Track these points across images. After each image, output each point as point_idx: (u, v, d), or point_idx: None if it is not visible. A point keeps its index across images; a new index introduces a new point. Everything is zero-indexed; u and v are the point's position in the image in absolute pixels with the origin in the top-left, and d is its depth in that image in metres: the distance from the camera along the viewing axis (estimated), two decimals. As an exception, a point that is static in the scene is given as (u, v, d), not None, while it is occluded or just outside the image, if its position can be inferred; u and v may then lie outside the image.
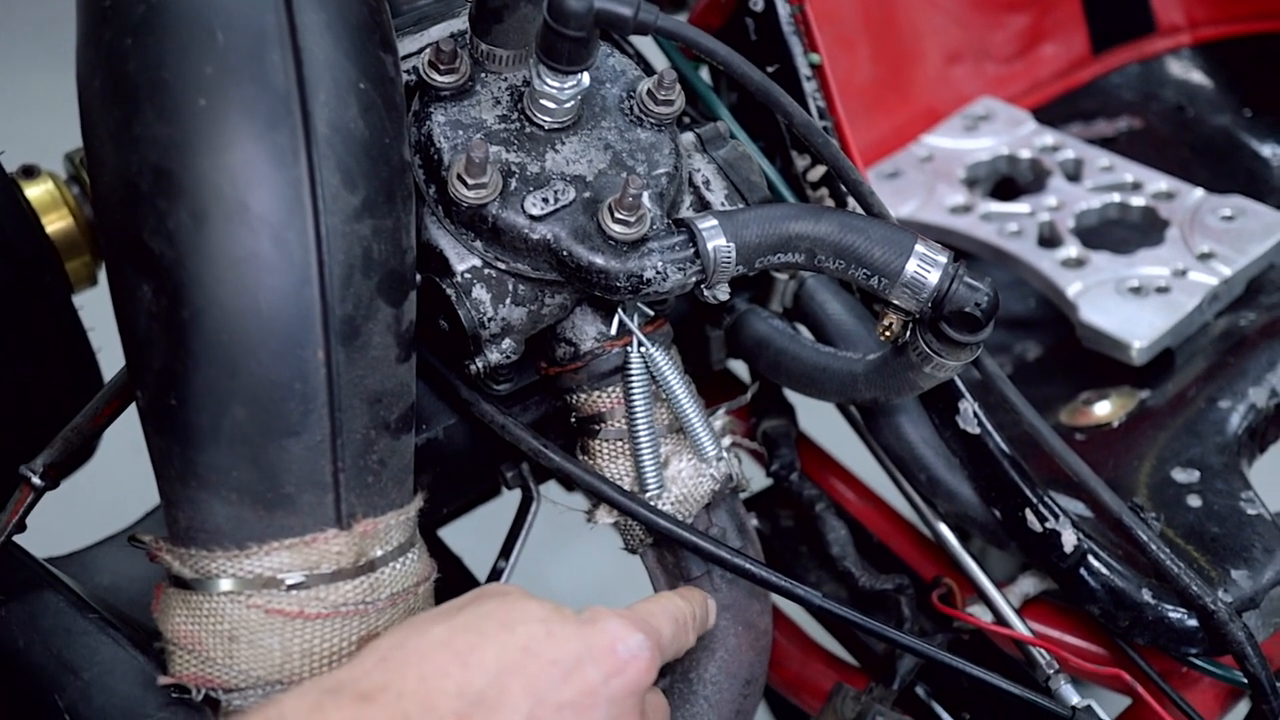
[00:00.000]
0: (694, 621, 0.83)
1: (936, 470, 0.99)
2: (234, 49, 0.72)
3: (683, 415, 0.90)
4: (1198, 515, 0.97)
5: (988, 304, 0.82)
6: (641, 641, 0.73)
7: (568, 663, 0.71)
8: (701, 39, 0.80)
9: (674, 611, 0.80)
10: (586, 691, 0.71)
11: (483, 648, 0.70)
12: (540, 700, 0.69)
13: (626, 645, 0.73)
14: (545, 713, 0.69)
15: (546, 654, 0.70)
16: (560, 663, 0.70)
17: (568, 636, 0.72)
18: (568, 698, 0.70)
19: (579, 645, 0.71)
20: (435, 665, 0.68)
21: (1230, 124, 1.41)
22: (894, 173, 1.34)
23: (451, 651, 0.69)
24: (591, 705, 0.70)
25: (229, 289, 0.72)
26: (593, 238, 0.82)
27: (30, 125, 0.81)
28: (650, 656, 0.73)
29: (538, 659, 0.70)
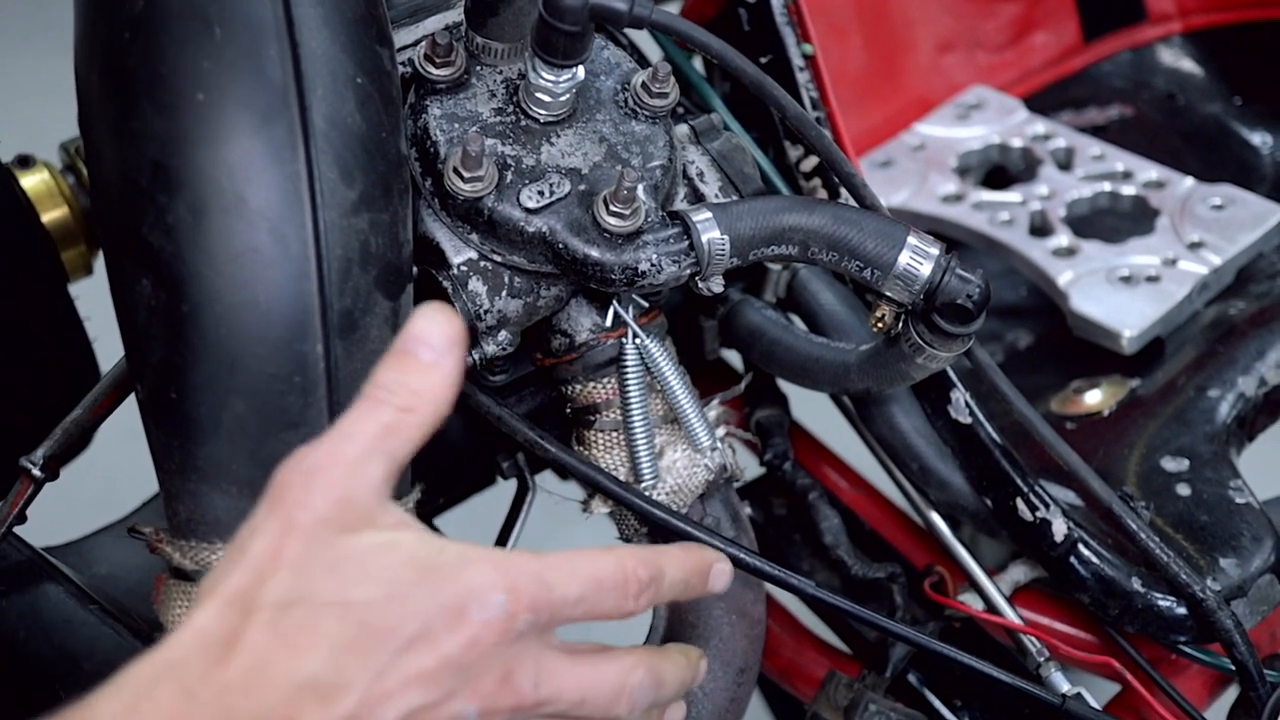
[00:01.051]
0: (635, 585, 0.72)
1: (928, 459, 1.00)
2: (231, 43, 0.73)
3: (677, 406, 0.91)
4: (1187, 504, 0.98)
5: (979, 296, 0.83)
6: (500, 603, 0.65)
7: (411, 632, 0.64)
8: (695, 33, 0.81)
9: (591, 572, 0.70)
10: (436, 662, 0.64)
11: (313, 627, 0.63)
12: (380, 675, 0.63)
13: (481, 606, 0.65)
14: (387, 688, 0.63)
15: (386, 623, 0.63)
16: (402, 632, 0.64)
17: (412, 599, 0.64)
18: (412, 671, 0.64)
19: (425, 608, 0.64)
20: (260, 654, 0.62)
21: (1221, 112, 1.42)
22: (886, 161, 1.35)
23: (278, 636, 0.62)
24: (437, 676, 0.64)
25: (228, 283, 0.72)
26: (588, 230, 0.83)
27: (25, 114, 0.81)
28: (506, 619, 0.65)
29: (376, 631, 0.63)
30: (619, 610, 0.72)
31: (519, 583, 0.66)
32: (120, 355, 1.20)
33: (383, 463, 0.67)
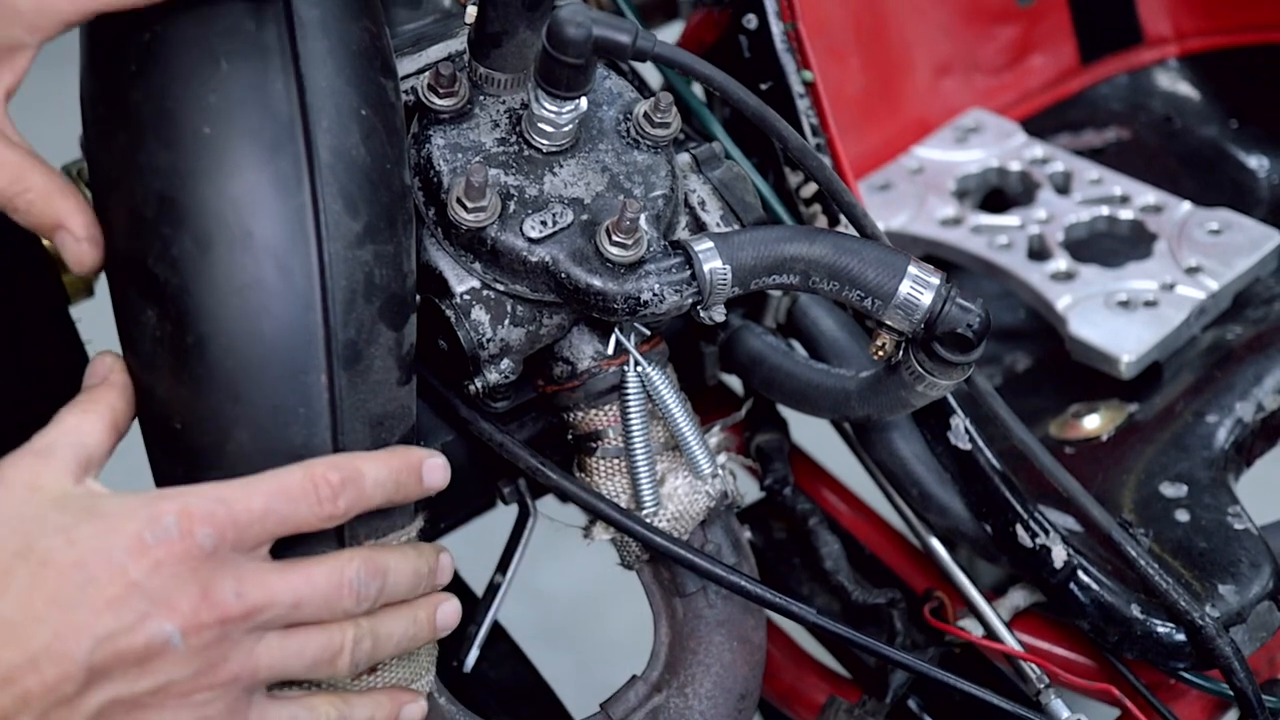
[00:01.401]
0: (328, 488, 0.73)
1: (928, 485, 1.01)
2: (237, 77, 0.73)
3: (679, 433, 0.91)
4: (1185, 530, 0.98)
5: (979, 325, 0.83)
6: (172, 524, 0.69)
7: (94, 566, 0.68)
8: (698, 65, 0.81)
9: (275, 484, 0.72)
10: (121, 588, 0.68)
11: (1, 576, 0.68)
12: (68, 608, 0.67)
13: (154, 530, 0.69)
14: (76, 619, 0.67)
15: (67, 561, 0.68)
16: (85, 568, 0.68)
17: (90, 536, 0.69)
18: (100, 600, 0.68)
19: (105, 544, 0.69)
20: None
21: (1217, 135, 1.42)
22: (885, 184, 1.35)
23: None
24: (125, 600, 0.68)
25: (233, 315, 0.73)
26: (590, 260, 0.83)
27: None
28: (182, 537, 0.69)
29: (59, 569, 0.68)
30: (318, 517, 0.73)
31: (190, 503, 0.70)
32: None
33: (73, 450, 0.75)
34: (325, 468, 0.73)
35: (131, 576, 0.68)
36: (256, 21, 0.75)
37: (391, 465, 0.76)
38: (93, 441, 0.75)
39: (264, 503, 0.72)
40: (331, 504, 0.73)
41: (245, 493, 0.71)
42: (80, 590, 0.68)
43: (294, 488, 0.72)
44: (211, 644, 0.70)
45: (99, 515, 0.70)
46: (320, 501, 0.73)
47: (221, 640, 0.70)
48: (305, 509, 0.73)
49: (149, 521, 0.69)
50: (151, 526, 0.69)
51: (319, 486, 0.73)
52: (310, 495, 0.73)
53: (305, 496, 0.73)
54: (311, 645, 0.74)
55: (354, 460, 0.75)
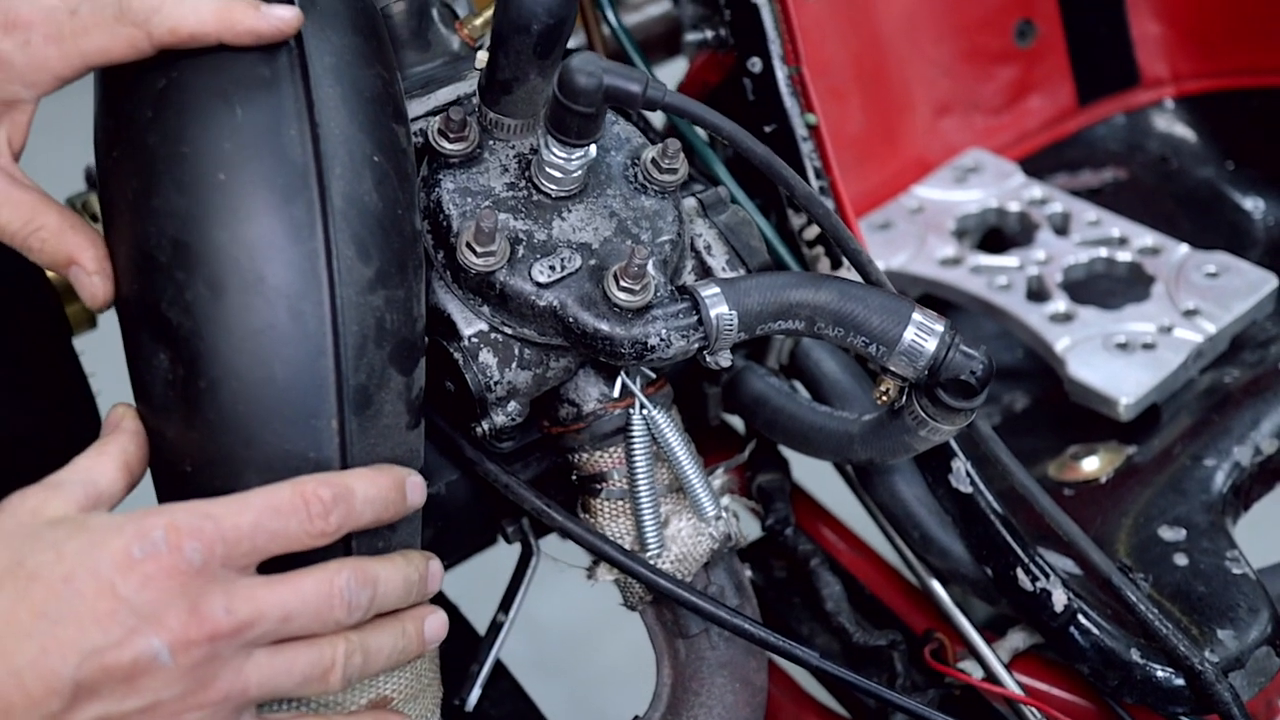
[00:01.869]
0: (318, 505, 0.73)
1: (929, 528, 1.01)
2: (252, 124, 0.74)
3: (683, 476, 0.92)
4: (1184, 574, 0.99)
5: (983, 372, 0.84)
6: (159, 539, 0.69)
7: (82, 581, 0.68)
8: (707, 114, 0.82)
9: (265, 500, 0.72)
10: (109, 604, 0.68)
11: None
12: (55, 622, 0.68)
13: (143, 545, 0.69)
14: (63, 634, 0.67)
15: (55, 576, 0.68)
16: (74, 583, 0.68)
17: (77, 552, 0.69)
18: (86, 614, 0.68)
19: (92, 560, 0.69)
20: None
21: (1213, 176, 1.44)
22: (885, 224, 1.36)
23: None
24: (113, 616, 0.68)
25: (246, 360, 0.73)
26: (598, 305, 0.84)
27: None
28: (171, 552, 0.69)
29: (46, 585, 0.68)
30: (308, 534, 0.73)
31: (178, 518, 0.70)
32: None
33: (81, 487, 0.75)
34: (316, 484, 0.73)
35: (119, 591, 0.68)
36: (271, 68, 0.75)
37: (379, 483, 0.76)
38: (104, 480, 0.75)
39: (253, 519, 0.71)
40: (323, 520, 0.73)
41: (235, 509, 0.71)
42: (67, 605, 0.68)
43: (284, 504, 0.72)
44: (201, 662, 0.70)
45: (87, 530, 0.70)
46: (311, 518, 0.72)
47: (211, 658, 0.70)
48: (295, 525, 0.72)
49: (137, 536, 0.69)
50: (140, 541, 0.69)
51: (309, 503, 0.72)
52: (301, 512, 0.72)
53: (295, 513, 0.72)
54: (301, 661, 0.73)
55: (344, 477, 0.74)
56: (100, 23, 0.75)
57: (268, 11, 0.75)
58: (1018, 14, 1.46)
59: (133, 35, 0.75)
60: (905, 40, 1.41)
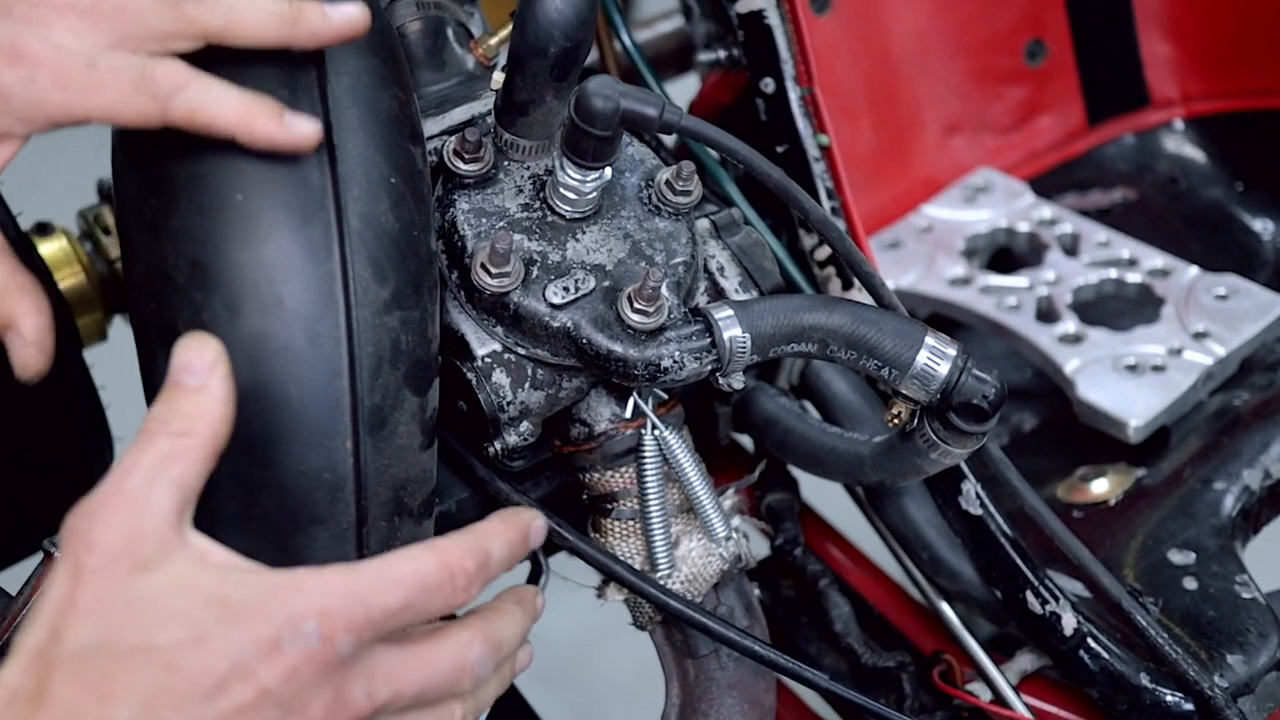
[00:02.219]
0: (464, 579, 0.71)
1: (939, 549, 1.01)
2: (270, 146, 0.74)
3: (694, 497, 0.92)
4: (1194, 598, 0.99)
5: (995, 396, 0.84)
6: (313, 631, 0.64)
7: (222, 671, 0.63)
8: (723, 138, 0.82)
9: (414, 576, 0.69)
10: (253, 697, 0.63)
11: (119, 676, 0.62)
12: (194, 718, 0.62)
13: (294, 637, 0.64)
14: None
15: (194, 665, 0.63)
16: (213, 673, 0.63)
17: (219, 638, 0.63)
18: (228, 709, 0.63)
19: (233, 646, 0.63)
20: (68, 707, 0.61)
21: (1223, 198, 1.44)
22: (894, 243, 1.37)
23: (84, 688, 0.61)
24: (257, 710, 0.63)
25: (262, 380, 0.73)
26: (612, 326, 0.84)
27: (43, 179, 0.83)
28: (323, 645, 0.65)
29: (185, 674, 0.62)
30: (449, 607, 0.71)
31: (331, 605, 0.65)
32: (133, 425, 1.21)
33: (169, 491, 0.66)
34: (460, 555, 0.71)
35: (264, 682, 0.63)
36: (290, 90, 0.76)
37: (509, 538, 0.75)
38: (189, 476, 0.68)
39: (402, 598, 0.68)
40: (465, 593, 0.71)
41: (384, 589, 0.67)
42: (207, 699, 0.63)
43: (431, 579, 0.69)
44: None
45: (229, 609, 0.64)
46: (455, 591, 0.70)
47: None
48: (440, 600, 0.70)
49: (286, 625, 0.64)
50: (289, 631, 0.64)
51: (455, 576, 0.70)
52: (447, 586, 0.70)
53: (441, 588, 0.70)
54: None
55: (482, 541, 0.73)
56: (117, 84, 0.72)
57: (289, 122, 0.73)
58: (1028, 34, 1.46)
59: (146, 107, 0.73)
60: (916, 60, 1.42)
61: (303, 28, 0.74)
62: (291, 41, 0.75)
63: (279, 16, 0.74)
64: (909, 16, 1.40)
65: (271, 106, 0.73)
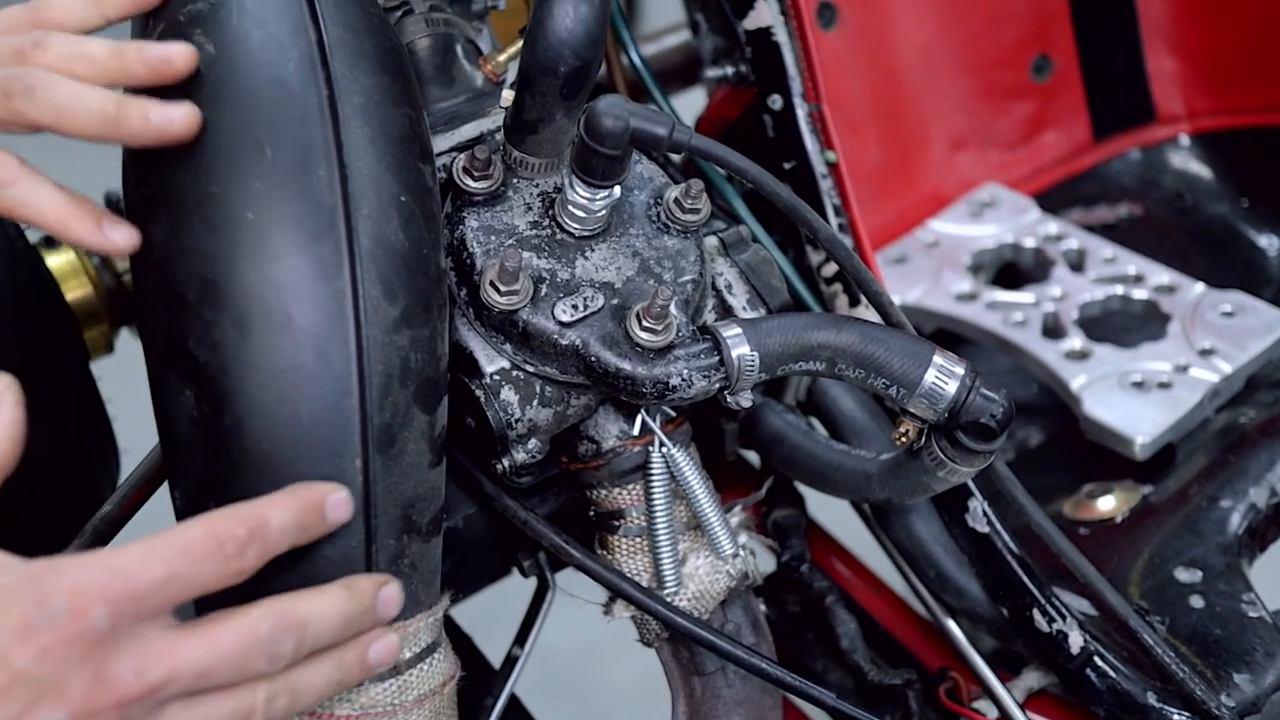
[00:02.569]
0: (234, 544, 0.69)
1: (945, 567, 1.01)
2: (282, 165, 0.75)
3: (701, 514, 0.92)
4: (1200, 616, 0.99)
5: (1003, 415, 0.84)
6: (62, 606, 0.64)
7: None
8: (732, 157, 0.82)
9: (178, 546, 0.68)
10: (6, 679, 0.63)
11: None
12: None
13: (43, 614, 0.64)
14: None
15: None
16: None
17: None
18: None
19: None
20: None
21: (1228, 213, 1.44)
22: (900, 258, 1.37)
23: None
24: (9, 692, 0.63)
25: (272, 399, 0.74)
26: (620, 344, 0.84)
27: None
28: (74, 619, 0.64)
29: None
30: (224, 575, 0.69)
31: (84, 580, 0.65)
32: (139, 438, 1.21)
33: None
34: (228, 521, 0.69)
35: (16, 665, 0.63)
36: (301, 109, 0.76)
37: (294, 508, 0.72)
38: None
39: (165, 568, 0.67)
40: (239, 560, 0.69)
41: (144, 559, 0.67)
42: None
43: (197, 547, 0.68)
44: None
45: None
46: (226, 558, 0.69)
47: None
48: (210, 568, 0.68)
49: (36, 603, 0.64)
50: (39, 609, 0.64)
51: (224, 543, 0.69)
52: (215, 553, 0.68)
53: (210, 555, 0.68)
54: (219, 712, 0.69)
55: (257, 508, 0.71)
56: None
57: (106, 230, 0.77)
58: (1034, 50, 1.46)
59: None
60: (922, 75, 1.42)
61: (124, 129, 0.76)
62: (114, 140, 0.77)
63: (103, 117, 0.76)
64: (915, 31, 1.40)
65: (90, 212, 0.77)
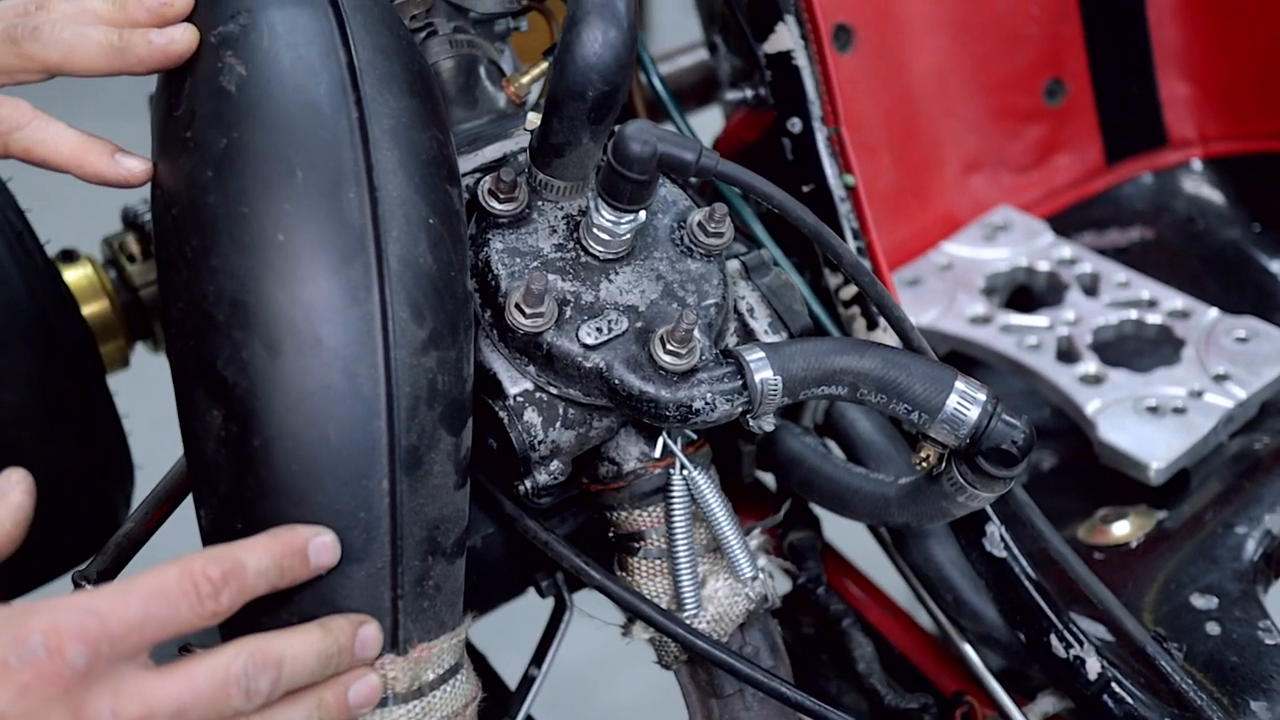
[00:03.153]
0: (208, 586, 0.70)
1: (963, 591, 1.02)
2: (312, 187, 0.75)
3: (721, 536, 0.92)
4: (1217, 643, 0.99)
5: (1024, 441, 0.85)
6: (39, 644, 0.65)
7: None
8: (758, 183, 0.83)
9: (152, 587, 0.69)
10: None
11: None
12: None
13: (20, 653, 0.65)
14: None
15: None
16: None
17: None
18: None
19: None
20: None
21: (1240, 238, 1.45)
22: (914, 280, 1.37)
23: None
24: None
25: (300, 420, 0.74)
26: (644, 367, 0.85)
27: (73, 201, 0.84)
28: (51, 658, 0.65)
29: None
30: (199, 616, 0.69)
31: (60, 619, 0.66)
32: (154, 452, 1.21)
33: None
34: (204, 563, 0.70)
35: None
36: (331, 131, 0.76)
37: (274, 551, 0.73)
38: None
39: (140, 609, 0.68)
40: (214, 601, 0.70)
41: (119, 600, 0.67)
42: None
43: (172, 588, 0.69)
44: None
45: None
46: (201, 600, 0.69)
47: None
48: (185, 609, 0.69)
49: (13, 643, 0.65)
50: (16, 648, 0.65)
51: (199, 584, 0.69)
52: (190, 594, 0.69)
53: (185, 597, 0.69)
54: None
55: (234, 551, 0.71)
56: None
57: (120, 160, 0.81)
58: (1048, 73, 1.47)
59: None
60: (936, 97, 1.42)
61: (131, 55, 0.80)
62: (123, 70, 0.81)
63: (109, 48, 0.80)
64: (930, 54, 1.41)
65: (103, 147, 0.81)
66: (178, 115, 0.78)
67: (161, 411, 0.94)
